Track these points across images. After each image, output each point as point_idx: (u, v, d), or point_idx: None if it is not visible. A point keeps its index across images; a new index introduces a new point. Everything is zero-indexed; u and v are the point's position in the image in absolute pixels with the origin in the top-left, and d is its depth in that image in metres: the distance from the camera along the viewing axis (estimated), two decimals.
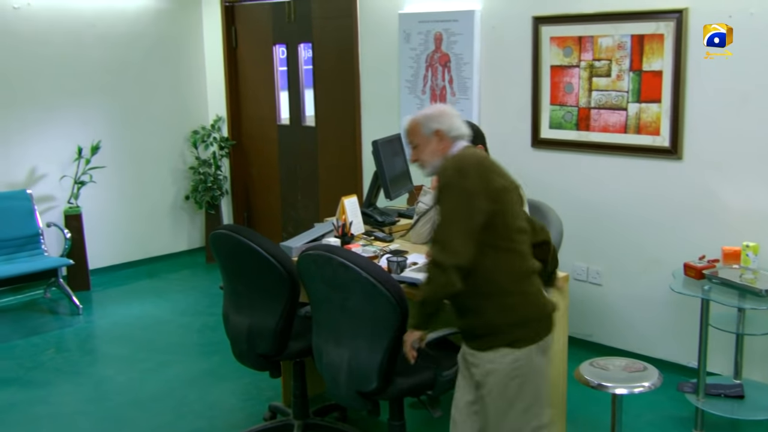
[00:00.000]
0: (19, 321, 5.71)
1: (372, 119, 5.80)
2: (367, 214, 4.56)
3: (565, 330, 3.61)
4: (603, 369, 3.19)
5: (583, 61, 4.49)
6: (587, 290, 4.71)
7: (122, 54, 6.54)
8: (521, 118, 4.85)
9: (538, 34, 4.65)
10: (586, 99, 4.52)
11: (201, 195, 6.94)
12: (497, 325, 2.66)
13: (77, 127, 6.31)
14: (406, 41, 5.36)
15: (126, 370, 4.72)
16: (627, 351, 4.57)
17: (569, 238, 4.41)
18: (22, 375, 4.69)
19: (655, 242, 4.38)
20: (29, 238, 5.89)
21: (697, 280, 3.77)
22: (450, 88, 5.16)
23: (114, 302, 6.05)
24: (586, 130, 4.55)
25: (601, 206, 4.58)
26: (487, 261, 2.62)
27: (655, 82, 4.21)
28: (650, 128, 4.28)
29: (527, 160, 4.82)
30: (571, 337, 4.44)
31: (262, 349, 3.43)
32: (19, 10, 5.95)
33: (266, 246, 3.30)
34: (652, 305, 4.45)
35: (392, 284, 2.87)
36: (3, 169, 6.00)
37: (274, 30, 6.54)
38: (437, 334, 3.01)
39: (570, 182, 4.69)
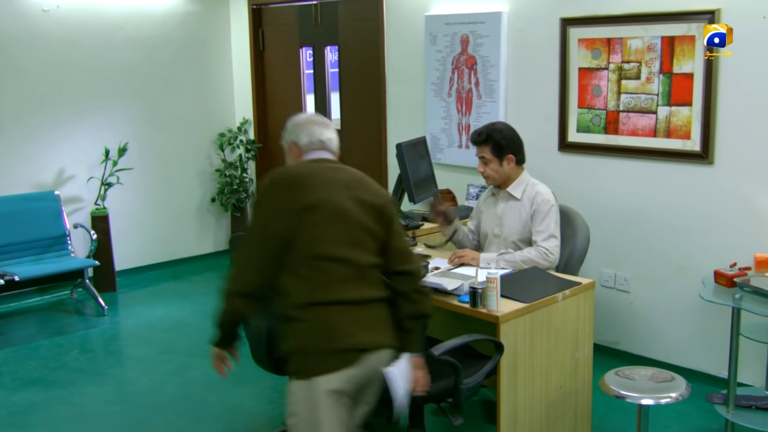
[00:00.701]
0: (45, 321, 5.74)
1: (397, 122, 5.75)
2: None
3: (590, 337, 3.53)
4: (629, 378, 3.10)
5: (611, 63, 4.40)
6: (614, 297, 4.62)
7: (150, 56, 6.57)
8: (548, 121, 4.77)
9: (566, 35, 4.57)
10: (614, 102, 4.43)
11: (227, 197, 6.95)
12: (285, 351, 2.54)
13: (105, 129, 6.35)
14: (432, 43, 5.31)
15: (148, 372, 4.71)
16: (654, 360, 4.46)
17: (596, 244, 4.33)
18: (46, 375, 4.71)
19: (685, 249, 4.28)
20: (56, 239, 5.94)
21: (727, 288, 3.66)
22: (476, 91, 5.09)
23: (139, 303, 6.06)
24: (615, 134, 4.46)
25: (630, 212, 4.48)
26: (283, 284, 2.48)
27: (685, 85, 4.12)
28: (680, 132, 4.18)
29: (554, 164, 4.74)
30: (597, 345, 4.37)
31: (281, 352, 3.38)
32: (49, 12, 6.00)
33: None
34: (681, 313, 4.35)
35: None
36: (32, 170, 6.05)
37: (300, 32, 6.52)
38: (456, 341, 2.95)
39: (598, 187, 4.60)
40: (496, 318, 3.08)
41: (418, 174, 4.73)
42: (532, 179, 3.83)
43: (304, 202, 2.48)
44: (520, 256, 3.61)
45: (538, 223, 3.69)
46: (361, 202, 2.56)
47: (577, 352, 3.46)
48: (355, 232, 2.53)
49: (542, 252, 3.61)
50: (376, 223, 2.57)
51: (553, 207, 3.72)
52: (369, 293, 2.53)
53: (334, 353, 2.45)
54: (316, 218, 2.47)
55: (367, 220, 2.55)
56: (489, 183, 3.87)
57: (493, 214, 3.88)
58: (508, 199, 3.81)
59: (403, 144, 4.60)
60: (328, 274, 2.47)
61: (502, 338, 3.09)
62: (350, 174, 2.67)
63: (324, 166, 2.68)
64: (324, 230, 2.48)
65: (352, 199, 2.55)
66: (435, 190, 4.96)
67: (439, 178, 5.11)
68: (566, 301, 3.35)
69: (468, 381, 2.99)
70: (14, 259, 5.70)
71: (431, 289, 3.24)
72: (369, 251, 2.55)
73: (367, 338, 2.50)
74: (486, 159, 3.75)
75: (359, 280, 2.52)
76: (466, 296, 3.22)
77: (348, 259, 2.49)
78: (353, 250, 2.51)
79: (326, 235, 2.48)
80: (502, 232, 3.81)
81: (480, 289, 3.13)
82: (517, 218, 3.76)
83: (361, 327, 2.49)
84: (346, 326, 2.47)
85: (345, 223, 2.51)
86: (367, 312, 2.52)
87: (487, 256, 3.67)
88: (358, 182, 2.64)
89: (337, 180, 2.59)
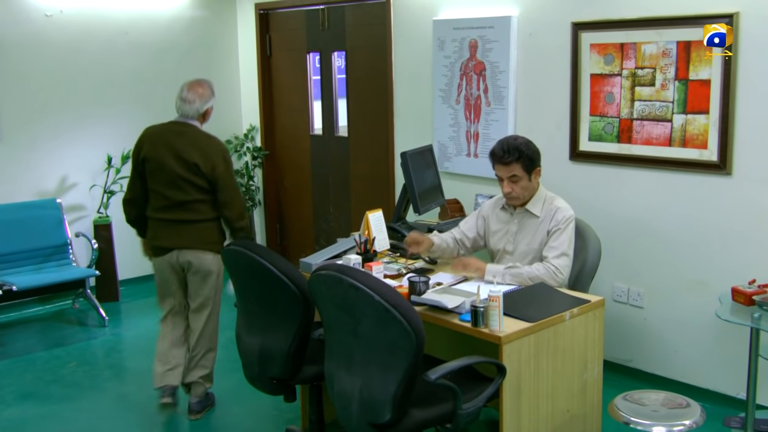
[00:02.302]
0: (45, 332, 5.64)
1: (405, 129, 5.60)
2: (395, 229, 4.36)
3: (600, 358, 3.35)
4: (639, 404, 2.93)
5: (625, 69, 4.22)
6: (627, 312, 4.43)
7: (155, 62, 6.47)
8: (559, 129, 4.60)
9: (578, 40, 4.40)
10: (628, 109, 4.25)
11: None
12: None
13: (109, 136, 6.25)
14: (440, 49, 5.15)
15: (145, 387, 4.57)
16: (669, 379, 4.28)
17: (608, 257, 4.16)
18: (41, 389, 4.59)
19: (701, 263, 4.09)
20: (58, 247, 5.84)
21: (746, 306, 3.47)
22: (485, 98, 4.93)
23: (141, 314, 5.95)
24: (628, 143, 4.28)
25: (643, 224, 4.30)
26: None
27: (702, 92, 3.93)
28: (697, 141, 4.00)
29: (565, 173, 4.57)
30: (609, 362, 4.21)
31: (274, 372, 3.25)
32: (52, 17, 5.92)
33: (279, 264, 3.13)
34: (697, 330, 4.16)
35: (406, 309, 2.65)
36: (33, 177, 5.96)
37: (308, 38, 6.39)
38: (454, 364, 2.78)
39: (610, 198, 4.42)
40: (498, 338, 2.91)
41: (424, 184, 4.59)
42: (548, 193, 3.66)
43: (140, 157, 4.04)
44: (528, 272, 3.44)
45: (553, 239, 3.52)
46: (180, 158, 3.92)
47: (585, 374, 3.29)
48: (171, 178, 3.93)
49: (551, 270, 3.44)
50: (194, 174, 3.92)
51: (572, 224, 3.56)
52: (182, 216, 3.98)
53: (156, 247, 4.09)
54: (147, 167, 4.00)
55: (183, 171, 3.91)
56: (513, 203, 3.65)
57: (506, 231, 3.70)
58: (525, 217, 3.64)
59: (408, 152, 4.46)
60: (156, 201, 4.04)
61: (505, 360, 2.92)
62: (185, 137, 3.98)
63: (166, 128, 4.07)
64: (151, 175, 4.00)
65: (174, 156, 3.92)
66: (441, 200, 4.81)
67: (447, 188, 4.96)
68: (574, 320, 3.18)
69: (468, 406, 2.83)
70: (14, 268, 5.61)
71: (431, 306, 3.10)
72: (187, 192, 3.95)
73: (170, 242, 4.03)
74: (517, 177, 3.52)
75: (176, 208, 3.98)
76: (467, 315, 3.05)
77: (165, 195, 3.98)
78: (170, 190, 3.96)
79: (153, 178, 4.00)
80: (515, 249, 3.65)
81: (482, 308, 2.96)
82: (535, 236, 3.59)
83: (169, 235, 4.03)
84: (160, 233, 4.06)
85: (164, 172, 3.95)
86: (176, 227, 4.00)
87: (493, 268, 3.49)
88: (186, 144, 3.94)
89: (166, 141, 3.97)
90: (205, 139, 4.01)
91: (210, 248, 4.02)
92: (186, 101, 4.00)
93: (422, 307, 3.17)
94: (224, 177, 3.95)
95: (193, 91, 4.01)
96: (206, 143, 3.98)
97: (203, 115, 4.07)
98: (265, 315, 3.25)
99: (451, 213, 4.90)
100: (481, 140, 5.01)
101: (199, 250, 4.00)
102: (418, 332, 2.64)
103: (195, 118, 4.02)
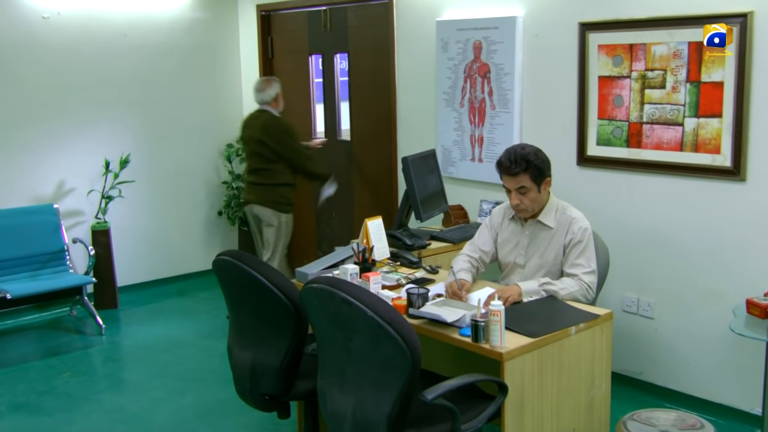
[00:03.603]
0: (41, 340, 5.52)
1: (408, 133, 5.46)
2: (396, 237, 4.22)
3: (607, 373, 3.20)
4: (648, 424, 2.77)
5: (634, 71, 4.07)
6: (637, 323, 4.27)
7: (155, 64, 6.35)
8: (566, 133, 4.44)
9: (585, 41, 4.25)
10: (637, 113, 4.10)
11: (234, 211, 6.69)
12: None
13: (107, 140, 6.13)
14: (443, 50, 5.01)
15: (138, 398, 4.46)
16: (680, 392, 4.12)
17: (617, 266, 4.02)
18: (33, 400, 4.47)
19: (715, 273, 3.93)
20: (54, 254, 5.73)
21: (761, 320, 3.31)
22: (489, 101, 4.78)
23: (139, 322, 5.83)
24: (638, 147, 4.12)
25: (654, 232, 4.14)
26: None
27: (715, 95, 3.77)
28: (709, 146, 3.84)
29: (572, 179, 4.41)
30: (618, 375, 4.06)
31: (266, 388, 3.11)
32: (49, 19, 5.80)
33: (270, 275, 2.99)
34: (710, 342, 3.99)
35: (401, 325, 2.50)
36: (30, 182, 5.84)
37: (310, 39, 6.26)
38: (453, 383, 2.63)
39: (619, 204, 4.27)
40: (500, 355, 2.77)
41: (426, 190, 4.44)
42: (560, 202, 3.50)
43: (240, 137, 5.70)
44: (563, 290, 3.27)
45: (578, 255, 3.35)
46: (254, 136, 5.30)
47: (592, 390, 3.13)
48: (249, 151, 5.43)
49: (585, 287, 3.29)
50: (262, 148, 5.23)
51: (591, 236, 3.41)
52: (255, 179, 5.35)
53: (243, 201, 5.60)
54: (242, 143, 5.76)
55: (255, 146, 5.29)
56: (522, 215, 3.48)
57: (516, 243, 3.54)
58: (537, 228, 3.48)
59: (409, 158, 4.32)
60: (246, 168, 5.65)
61: (507, 377, 2.78)
62: (259, 120, 5.32)
63: (251, 114, 5.47)
64: (243, 149, 5.82)
65: (250, 134, 5.35)
66: (444, 207, 4.67)
67: (451, 193, 4.82)
68: (580, 335, 3.03)
69: (467, 426, 2.68)
70: (10, 275, 5.49)
71: (430, 320, 2.96)
72: (258, 161, 5.32)
73: (247, 198, 5.45)
74: (525, 188, 3.35)
75: (252, 173, 5.40)
76: (467, 329, 2.91)
77: (248, 163, 5.53)
78: (249, 159, 5.48)
79: (244, 151, 5.77)
80: (527, 262, 3.49)
81: (482, 322, 2.82)
82: (548, 248, 3.44)
83: (247, 193, 5.47)
84: (245, 191, 5.56)
85: (246, 147, 5.51)
86: (251, 187, 5.40)
87: (528, 288, 3.27)
88: (258, 125, 5.28)
89: (248, 123, 5.43)
90: (272, 120, 5.29)
91: (270, 206, 5.29)
92: (259, 91, 5.32)
93: (421, 320, 3.03)
94: (286, 149, 5.22)
95: (263, 83, 5.37)
96: (272, 124, 5.26)
97: (275, 101, 5.33)
98: (257, 328, 3.11)
99: (455, 220, 4.75)
100: (485, 144, 4.86)
101: (262, 206, 5.30)
102: (413, 349, 2.49)
103: (268, 103, 5.31)
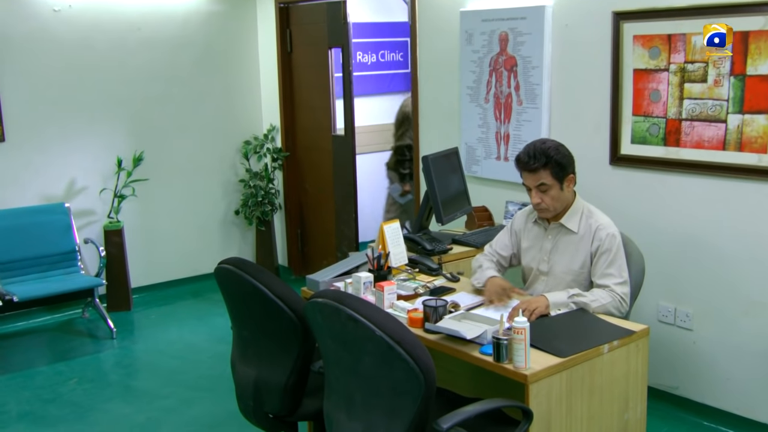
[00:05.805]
0: (50, 344, 5.36)
1: (430, 130, 5.21)
2: (415, 241, 3.97)
3: (643, 395, 2.93)
4: None
5: (673, 63, 3.77)
6: (674, 335, 3.98)
7: (170, 59, 6.15)
8: (598, 130, 4.16)
9: (620, 32, 3.96)
10: (676, 109, 3.80)
11: (251, 210, 6.48)
12: None
13: (119, 137, 5.95)
14: (467, 42, 4.74)
15: (145, 408, 4.26)
16: (720, 409, 3.83)
17: (654, 273, 3.75)
18: (37, 409, 4.30)
19: (758, 282, 3.63)
20: (65, 254, 5.55)
21: None
22: (516, 96, 4.51)
23: (152, 325, 5.65)
24: (676, 146, 3.83)
25: (693, 237, 3.85)
26: None
27: (762, 89, 3.47)
28: (755, 144, 3.54)
29: (604, 179, 4.13)
30: (653, 389, 3.77)
31: (271, 407, 2.89)
32: (60, 12, 5.62)
33: (274, 286, 2.75)
34: (753, 357, 3.69)
35: (413, 345, 2.26)
36: (40, 181, 5.67)
37: (329, 32, 6.02)
38: (471, 410, 2.38)
39: (655, 207, 3.98)
40: (524, 377, 2.51)
41: (448, 190, 4.19)
42: (586, 205, 3.23)
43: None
44: (594, 302, 3.02)
45: (608, 264, 3.09)
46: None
47: (626, 414, 2.86)
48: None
49: (618, 300, 3.04)
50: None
51: (620, 243, 3.14)
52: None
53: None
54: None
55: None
56: (543, 216, 3.23)
57: (539, 249, 3.29)
58: (561, 233, 3.22)
59: (429, 156, 4.07)
60: None
61: (531, 401, 2.52)
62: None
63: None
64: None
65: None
66: (468, 208, 4.41)
67: (474, 194, 4.57)
68: (613, 353, 2.76)
69: None
70: (19, 277, 5.33)
71: (448, 336, 2.71)
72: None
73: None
74: (546, 186, 3.09)
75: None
76: (488, 347, 2.65)
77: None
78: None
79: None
80: (551, 269, 3.23)
81: (505, 341, 2.56)
82: (574, 256, 3.18)
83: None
84: None
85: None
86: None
87: (555, 299, 3.02)
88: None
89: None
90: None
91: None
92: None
93: (438, 335, 2.78)
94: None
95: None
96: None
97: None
98: (261, 343, 2.89)
99: (479, 222, 4.49)
100: (512, 142, 4.59)
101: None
102: (426, 373, 2.25)
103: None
